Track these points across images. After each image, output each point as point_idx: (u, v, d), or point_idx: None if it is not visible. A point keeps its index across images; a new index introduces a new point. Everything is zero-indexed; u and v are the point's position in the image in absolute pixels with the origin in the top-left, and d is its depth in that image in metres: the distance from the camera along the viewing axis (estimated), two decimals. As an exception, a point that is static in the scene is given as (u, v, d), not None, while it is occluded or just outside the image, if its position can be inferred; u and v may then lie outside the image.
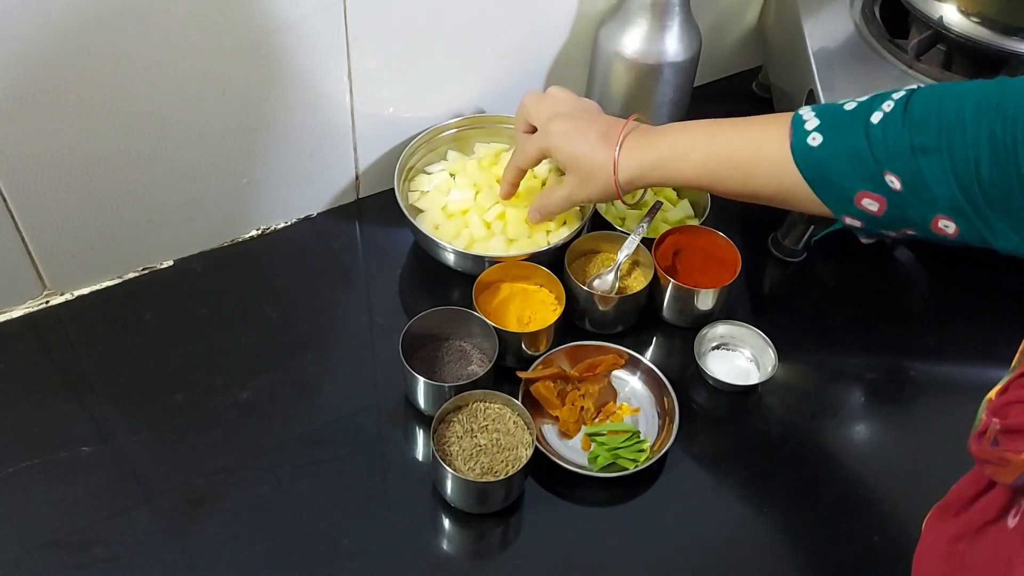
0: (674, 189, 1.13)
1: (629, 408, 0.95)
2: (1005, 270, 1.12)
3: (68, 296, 1.01)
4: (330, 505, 0.87)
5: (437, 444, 0.86)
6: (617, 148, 0.90)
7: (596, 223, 1.11)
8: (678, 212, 1.10)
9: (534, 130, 0.99)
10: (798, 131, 0.80)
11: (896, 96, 0.76)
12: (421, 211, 1.07)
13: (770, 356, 0.98)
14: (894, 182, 0.75)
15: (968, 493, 0.67)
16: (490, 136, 1.14)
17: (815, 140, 0.78)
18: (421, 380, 0.89)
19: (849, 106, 0.79)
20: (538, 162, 0.99)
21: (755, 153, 0.83)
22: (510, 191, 1.03)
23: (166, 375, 0.95)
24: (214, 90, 0.93)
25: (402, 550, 0.85)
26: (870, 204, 0.77)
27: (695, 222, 1.08)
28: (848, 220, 0.81)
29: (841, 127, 0.78)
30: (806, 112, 0.81)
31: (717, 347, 1.02)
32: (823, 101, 0.95)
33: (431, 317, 0.94)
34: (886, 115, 0.75)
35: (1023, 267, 1.11)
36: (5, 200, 0.89)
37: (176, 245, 1.05)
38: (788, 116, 0.82)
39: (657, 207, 1.06)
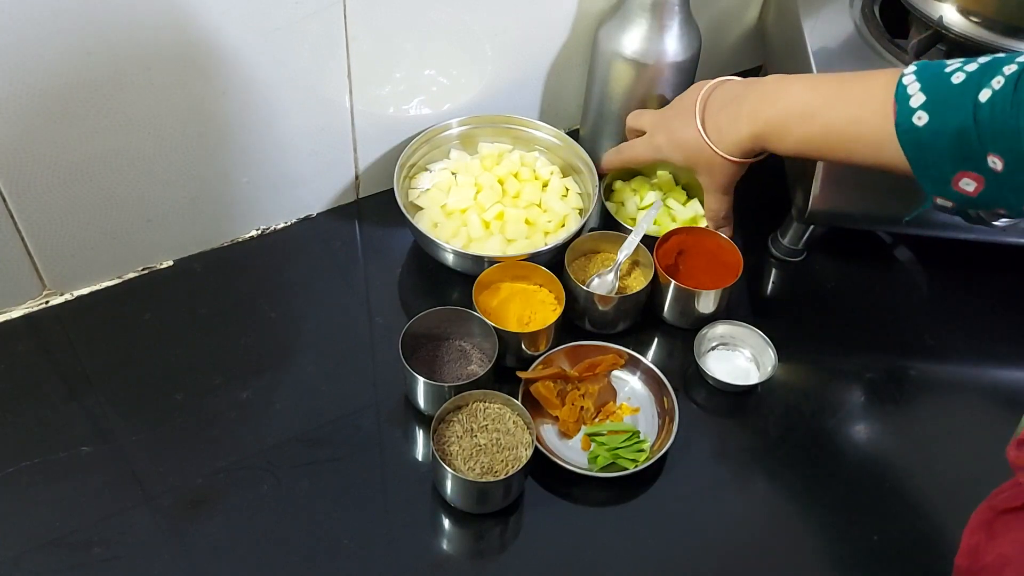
0: (684, 188, 1.12)
1: (629, 408, 0.95)
2: (1005, 270, 1.12)
3: (68, 296, 1.01)
4: (330, 505, 0.87)
5: (437, 444, 0.86)
6: (699, 122, 0.96)
7: (598, 223, 1.11)
8: (688, 211, 1.09)
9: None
10: (903, 107, 0.76)
11: (1008, 71, 0.71)
12: (421, 208, 1.07)
13: (770, 356, 0.98)
14: (996, 163, 0.72)
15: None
16: (495, 135, 1.14)
17: (920, 119, 0.75)
18: (421, 380, 0.89)
19: (957, 78, 0.74)
20: (644, 166, 1.10)
21: (856, 134, 0.81)
22: (606, 170, 1.10)
23: (166, 375, 0.95)
24: (214, 90, 0.93)
25: (402, 550, 0.85)
26: (967, 185, 0.75)
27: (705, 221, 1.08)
28: (940, 201, 0.78)
29: (948, 106, 0.73)
30: (910, 82, 0.76)
31: (717, 347, 1.02)
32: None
33: (431, 317, 0.94)
34: (995, 93, 0.71)
35: (1022, 267, 1.12)
36: (5, 200, 0.89)
37: (176, 245, 1.05)
38: (890, 85, 0.77)
39: (657, 207, 1.06)
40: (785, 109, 0.88)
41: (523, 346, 0.95)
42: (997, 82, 0.72)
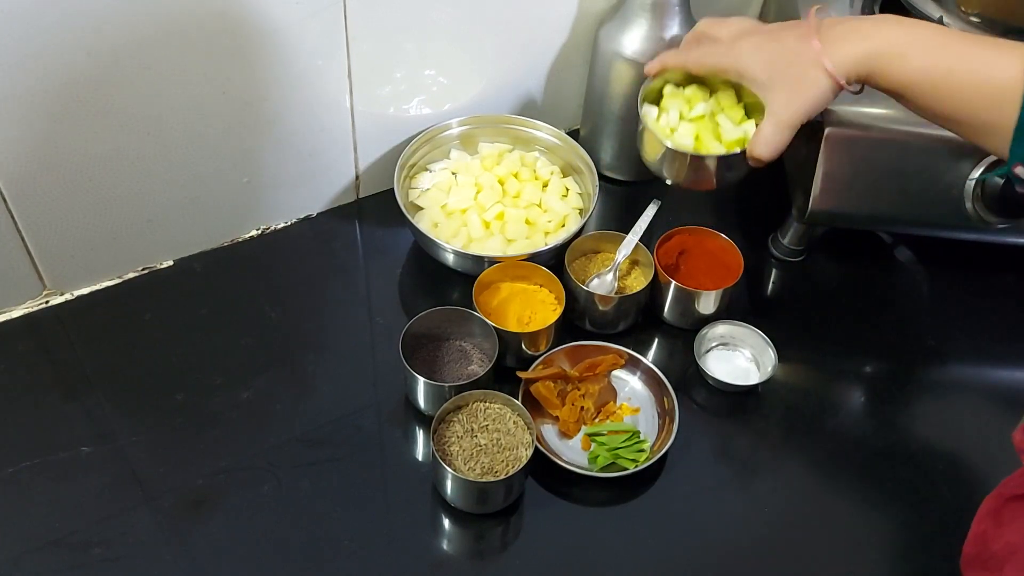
0: (744, 106, 0.94)
1: (629, 408, 0.95)
2: (1005, 270, 1.12)
3: (68, 296, 1.01)
4: (330, 505, 0.87)
5: (437, 444, 0.86)
6: (815, 38, 0.81)
7: (598, 223, 1.11)
8: (737, 131, 0.93)
9: None
10: None
11: None
12: (421, 208, 1.08)
13: (770, 356, 0.98)
14: None
15: None
16: (495, 135, 1.14)
17: None
18: (421, 380, 0.89)
19: None
20: (706, 73, 0.91)
21: (984, 78, 0.76)
22: (658, 70, 0.94)
23: (166, 375, 0.95)
24: (214, 90, 0.93)
25: (402, 550, 0.85)
26: None
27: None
28: (1018, 170, 0.75)
29: None
30: None
31: (717, 347, 1.02)
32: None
33: (431, 317, 0.94)
34: None
35: (1022, 267, 1.12)
36: (5, 200, 0.89)
37: (176, 245, 1.05)
38: None
39: (656, 206, 1.06)
40: (914, 34, 0.80)
41: (523, 346, 0.95)
42: None
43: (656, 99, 0.97)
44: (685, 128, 0.95)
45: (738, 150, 0.89)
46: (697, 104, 0.95)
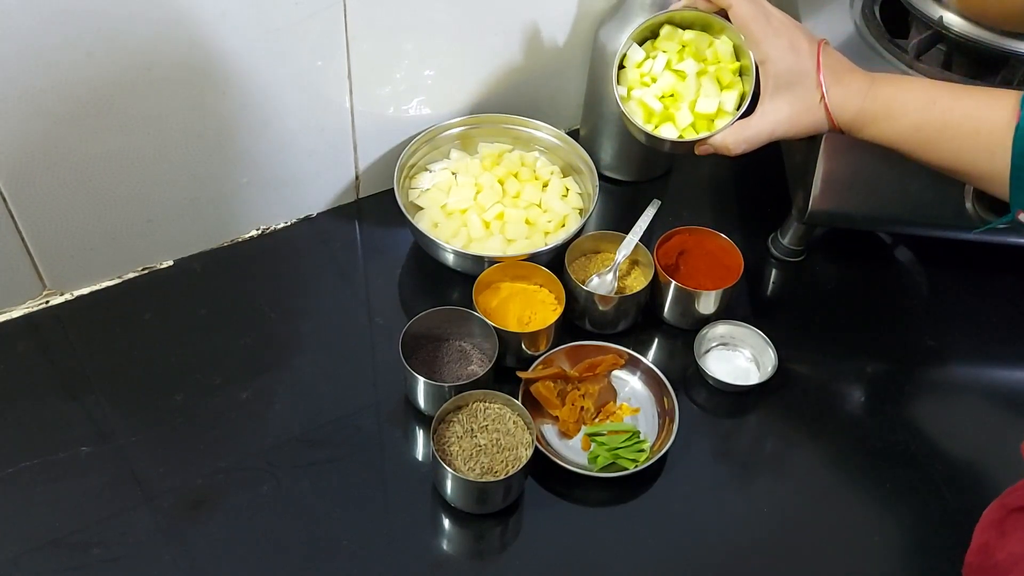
0: (740, 66, 0.92)
1: (629, 408, 0.95)
2: (1005, 270, 1.12)
3: (68, 296, 1.01)
4: (330, 505, 0.87)
5: (437, 444, 0.86)
6: (821, 76, 0.84)
7: (598, 223, 1.11)
8: (711, 104, 0.92)
9: None
10: None
11: None
12: (421, 208, 1.08)
13: (770, 356, 0.98)
14: None
15: None
16: (494, 135, 1.14)
17: None
18: (421, 380, 0.89)
19: None
20: (736, 22, 0.87)
21: (973, 130, 0.78)
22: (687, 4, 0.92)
23: (166, 375, 0.95)
24: (214, 90, 0.93)
25: (402, 550, 0.85)
26: None
27: (726, 117, 0.91)
28: (1022, 216, 0.77)
29: None
30: None
31: (717, 347, 1.02)
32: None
33: (431, 317, 0.94)
34: None
35: (1022, 267, 1.12)
36: (5, 200, 0.89)
37: (176, 245, 1.05)
38: (1016, 95, 0.77)
39: (655, 206, 1.06)
40: (908, 91, 0.83)
41: (523, 346, 0.95)
42: None
43: (648, 37, 0.96)
44: (664, 80, 0.93)
45: (704, 134, 0.91)
46: (685, 60, 0.93)
